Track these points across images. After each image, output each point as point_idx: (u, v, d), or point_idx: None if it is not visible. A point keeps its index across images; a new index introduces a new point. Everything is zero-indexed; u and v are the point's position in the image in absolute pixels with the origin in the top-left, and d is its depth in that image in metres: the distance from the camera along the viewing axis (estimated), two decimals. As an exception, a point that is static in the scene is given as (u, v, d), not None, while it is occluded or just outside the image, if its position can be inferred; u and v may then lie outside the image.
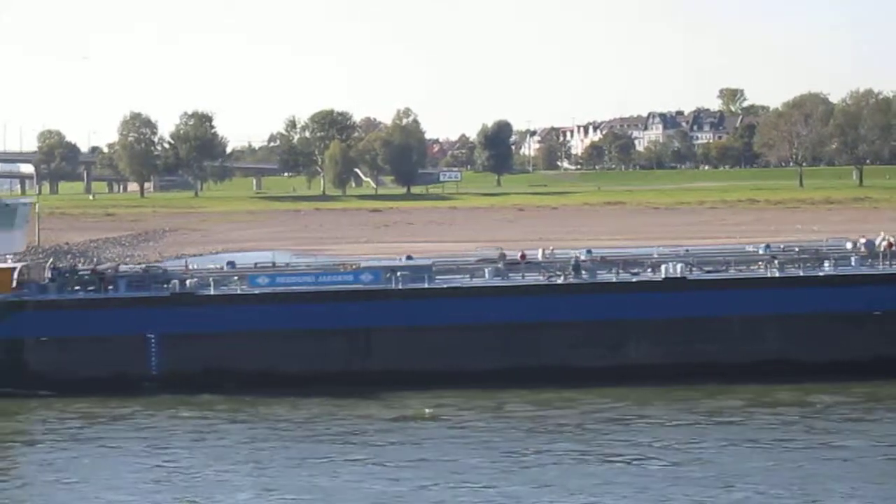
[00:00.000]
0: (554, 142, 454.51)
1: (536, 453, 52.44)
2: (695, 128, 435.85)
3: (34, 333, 68.54)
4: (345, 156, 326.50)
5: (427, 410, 61.29)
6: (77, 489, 48.90)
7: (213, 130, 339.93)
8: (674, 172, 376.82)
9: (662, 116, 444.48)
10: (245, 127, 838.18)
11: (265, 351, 67.53)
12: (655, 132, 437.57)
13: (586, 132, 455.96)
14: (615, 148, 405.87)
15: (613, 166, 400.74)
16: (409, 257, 76.63)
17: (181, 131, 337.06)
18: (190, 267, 75.57)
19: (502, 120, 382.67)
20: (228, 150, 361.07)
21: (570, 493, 46.50)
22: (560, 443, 54.51)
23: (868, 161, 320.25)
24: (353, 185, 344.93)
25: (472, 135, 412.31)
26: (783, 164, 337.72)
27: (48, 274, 72.88)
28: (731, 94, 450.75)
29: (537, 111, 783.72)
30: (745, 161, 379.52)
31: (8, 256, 73.63)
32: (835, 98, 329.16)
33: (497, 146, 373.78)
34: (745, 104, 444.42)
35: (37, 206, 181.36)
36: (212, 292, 69.68)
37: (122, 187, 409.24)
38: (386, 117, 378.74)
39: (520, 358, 67.29)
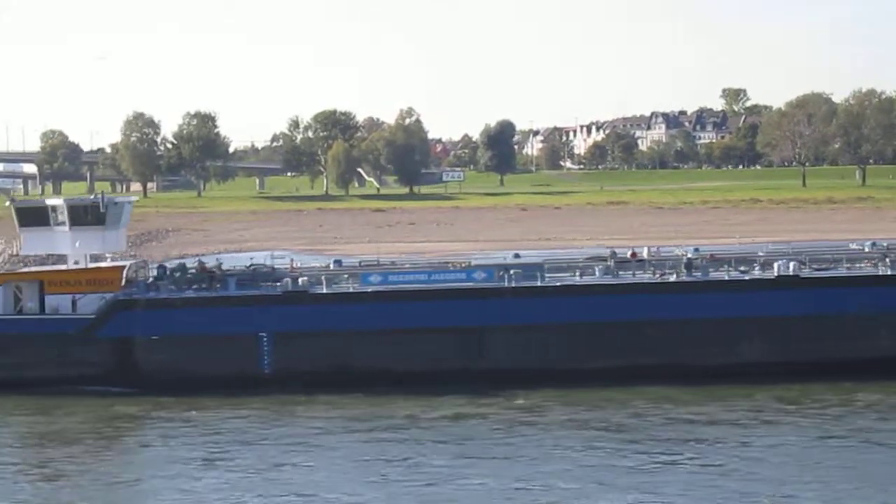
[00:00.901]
0: (557, 141, 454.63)
1: (652, 457, 51.87)
2: (698, 127, 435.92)
3: (145, 332, 68.03)
4: (348, 156, 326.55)
5: (519, 401, 61.34)
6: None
7: (216, 130, 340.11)
8: (676, 172, 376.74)
9: (665, 116, 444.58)
10: (248, 127, 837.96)
11: (378, 349, 67.03)
12: (658, 132, 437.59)
13: (589, 132, 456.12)
14: (618, 148, 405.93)
15: (616, 166, 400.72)
16: (516, 255, 75.42)
17: (184, 131, 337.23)
18: (295, 265, 74.49)
19: (505, 120, 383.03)
20: (231, 150, 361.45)
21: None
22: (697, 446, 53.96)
23: (871, 161, 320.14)
24: (356, 184, 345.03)
25: (475, 134, 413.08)
26: (786, 163, 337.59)
27: (153, 272, 72.20)
28: (734, 94, 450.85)
29: (540, 111, 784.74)
30: (747, 161, 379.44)
31: (107, 255, 73.25)
32: (838, 98, 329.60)
33: (500, 146, 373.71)
34: (748, 104, 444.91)
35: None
36: (324, 290, 69.15)
37: (124, 187, 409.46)
38: (389, 117, 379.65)
39: (632, 356, 67.07)
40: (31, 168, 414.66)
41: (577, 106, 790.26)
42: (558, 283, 69.47)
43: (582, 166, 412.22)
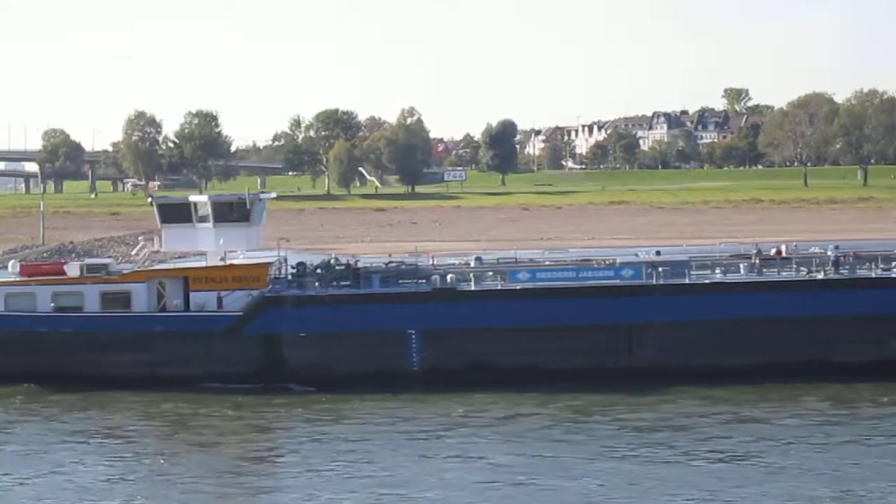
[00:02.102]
0: (558, 141, 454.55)
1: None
2: (699, 127, 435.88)
3: (293, 329, 67.67)
4: (349, 155, 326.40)
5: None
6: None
7: (217, 129, 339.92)
8: (678, 172, 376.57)
9: (667, 116, 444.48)
10: (249, 126, 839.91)
11: (527, 346, 66.76)
12: (660, 132, 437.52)
13: (591, 132, 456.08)
14: (620, 147, 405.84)
15: (618, 166, 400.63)
16: (657, 252, 74.75)
17: (186, 130, 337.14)
18: (434, 262, 74.07)
19: (507, 119, 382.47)
20: (233, 149, 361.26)
21: None
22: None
23: (873, 161, 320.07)
24: (358, 184, 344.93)
25: (477, 134, 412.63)
26: (787, 163, 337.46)
27: (291, 269, 71.73)
28: (735, 94, 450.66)
29: (542, 111, 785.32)
30: (749, 161, 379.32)
31: (241, 252, 72.64)
32: (840, 98, 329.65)
33: (501, 145, 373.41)
34: (750, 104, 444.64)
35: (41, 206, 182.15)
36: (472, 287, 69.00)
37: (126, 186, 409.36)
38: (391, 116, 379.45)
39: (780, 353, 67.04)
40: (32, 167, 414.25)
41: (579, 106, 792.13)
42: (707, 281, 69.41)
43: (584, 166, 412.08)
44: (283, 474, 50.93)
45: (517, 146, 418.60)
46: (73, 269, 70.11)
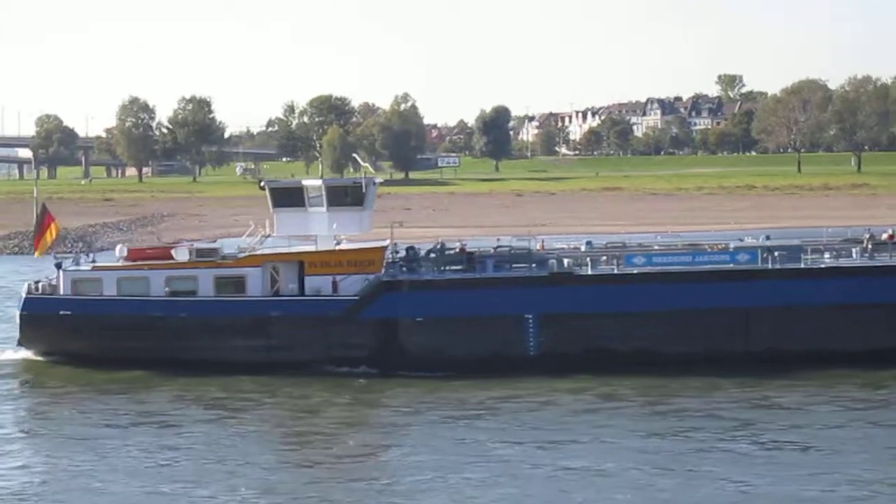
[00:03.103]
0: (552, 127, 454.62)
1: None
2: (693, 114, 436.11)
3: (410, 314, 67.26)
4: (343, 141, 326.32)
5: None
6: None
7: (211, 115, 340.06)
8: (672, 158, 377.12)
9: (661, 102, 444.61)
10: (243, 112, 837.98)
11: (644, 331, 66.64)
12: (654, 118, 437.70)
13: (584, 118, 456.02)
14: (613, 134, 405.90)
15: (612, 152, 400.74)
16: (767, 237, 74.23)
17: (179, 116, 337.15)
18: (545, 245, 73.46)
19: (500, 105, 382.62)
20: (227, 135, 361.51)
21: None
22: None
23: (866, 147, 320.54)
24: (351, 170, 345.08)
25: (471, 120, 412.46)
26: (781, 150, 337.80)
27: (399, 253, 71.06)
28: (729, 80, 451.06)
29: (535, 97, 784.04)
30: (743, 147, 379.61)
31: (343, 237, 72.18)
32: (833, 84, 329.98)
33: (495, 132, 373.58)
34: (744, 90, 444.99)
35: (35, 191, 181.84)
36: (589, 272, 68.56)
37: (120, 172, 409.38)
38: (384, 103, 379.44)
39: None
40: (26, 152, 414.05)
41: (573, 92, 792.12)
42: (822, 265, 69.08)
43: (577, 152, 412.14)
44: (401, 461, 50.40)
45: (511, 132, 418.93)
46: (181, 254, 69.65)
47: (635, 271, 68.38)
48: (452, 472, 47.22)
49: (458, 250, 70.94)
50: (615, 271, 68.72)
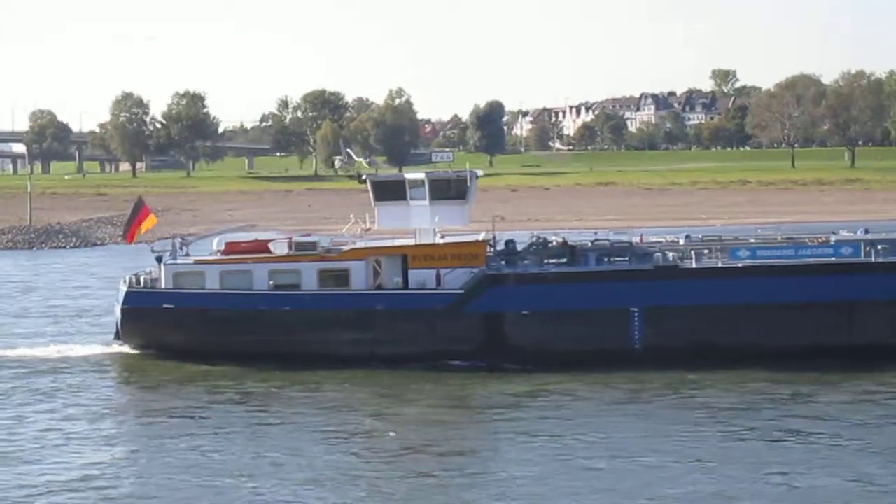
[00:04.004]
0: (546, 122, 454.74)
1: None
2: (687, 108, 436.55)
3: (516, 307, 66.98)
4: (336, 136, 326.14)
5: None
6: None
7: (205, 110, 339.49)
8: (666, 153, 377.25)
9: (654, 97, 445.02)
10: (237, 107, 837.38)
11: (749, 324, 66.44)
12: (647, 113, 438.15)
13: (578, 113, 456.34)
14: (607, 129, 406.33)
15: (605, 147, 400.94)
16: (865, 230, 73.41)
17: (173, 111, 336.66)
18: (643, 239, 73.10)
19: (494, 100, 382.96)
20: (220, 129, 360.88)
21: None
22: None
23: (860, 142, 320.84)
24: (336, 165, 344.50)
25: (465, 115, 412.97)
26: (775, 145, 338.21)
27: (499, 246, 70.65)
28: (723, 75, 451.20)
29: (529, 92, 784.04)
30: (736, 142, 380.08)
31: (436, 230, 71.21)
32: (827, 79, 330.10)
33: (489, 127, 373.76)
34: (738, 85, 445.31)
35: (29, 186, 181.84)
36: (694, 265, 68.31)
37: (113, 167, 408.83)
38: (378, 97, 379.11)
39: None
40: (19, 147, 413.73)
41: (567, 87, 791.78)
42: None
43: (571, 147, 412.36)
44: (510, 454, 50.10)
45: (505, 127, 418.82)
46: (280, 248, 69.19)
47: (740, 265, 68.28)
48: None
49: (559, 243, 70.54)
50: (720, 265, 68.57)
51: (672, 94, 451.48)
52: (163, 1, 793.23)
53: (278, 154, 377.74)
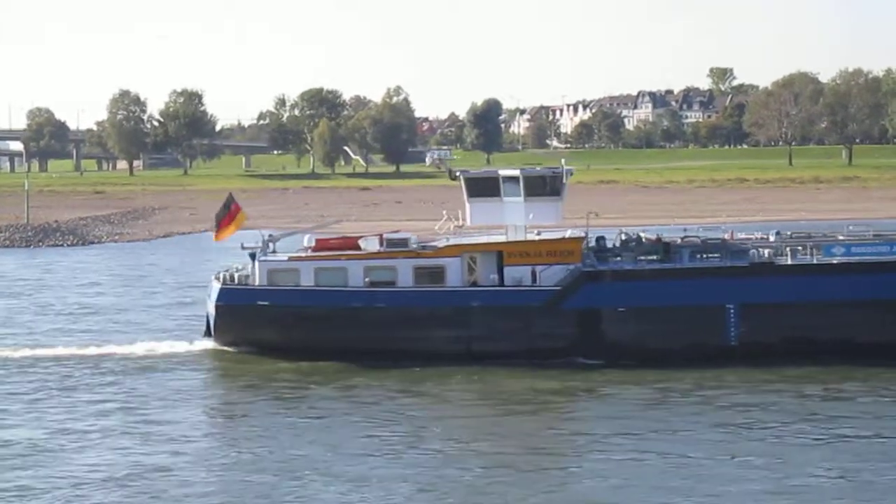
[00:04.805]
0: (543, 120, 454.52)
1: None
2: (684, 107, 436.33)
3: (612, 304, 67.08)
4: (334, 134, 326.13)
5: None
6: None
7: (202, 108, 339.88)
8: (663, 151, 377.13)
9: (652, 95, 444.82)
10: (234, 105, 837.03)
11: (845, 321, 66.42)
12: (645, 111, 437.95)
13: (576, 111, 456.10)
14: (605, 127, 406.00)
15: (603, 145, 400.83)
16: None
17: (170, 109, 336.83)
18: (733, 235, 72.75)
19: (492, 98, 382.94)
20: (218, 128, 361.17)
21: None
22: None
23: (857, 140, 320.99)
24: (343, 163, 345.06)
25: (462, 113, 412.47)
26: (772, 143, 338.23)
27: (591, 242, 70.36)
28: (720, 73, 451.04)
29: (527, 90, 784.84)
30: (734, 140, 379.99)
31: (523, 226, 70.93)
32: (824, 77, 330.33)
33: (486, 124, 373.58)
34: (735, 83, 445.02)
35: (26, 184, 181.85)
36: (789, 262, 68.32)
37: (111, 165, 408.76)
38: (376, 96, 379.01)
39: None
40: (17, 146, 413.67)
41: (564, 85, 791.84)
42: None
43: (568, 145, 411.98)
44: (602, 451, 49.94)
45: (502, 125, 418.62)
46: (371, 244, 69.02)
47: (835, 261, 68.27)
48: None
49: (653, 240, 70.49)
50: (815, 262, 68.51)
51: (669, 92, 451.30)
52: (163, 1, 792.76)
53: (275, 152, 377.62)
